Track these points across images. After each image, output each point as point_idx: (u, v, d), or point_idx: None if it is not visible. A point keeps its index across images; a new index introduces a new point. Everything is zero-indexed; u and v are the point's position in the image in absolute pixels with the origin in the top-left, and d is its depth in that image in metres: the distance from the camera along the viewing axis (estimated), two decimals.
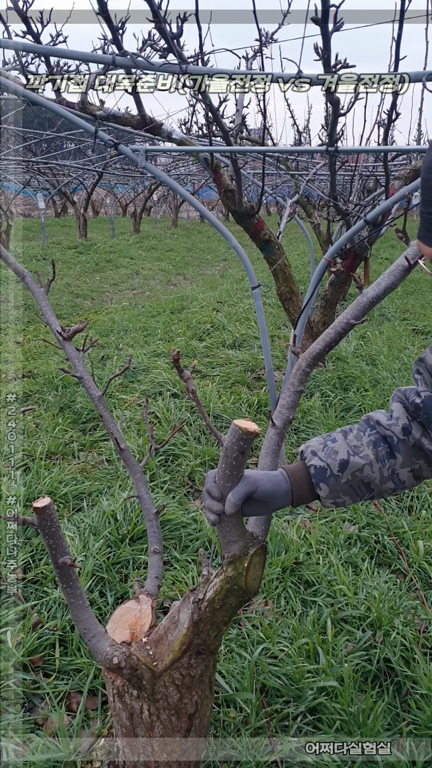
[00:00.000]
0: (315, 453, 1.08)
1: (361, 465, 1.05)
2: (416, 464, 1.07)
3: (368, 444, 1.06)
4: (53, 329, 1.60)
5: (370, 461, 1.05)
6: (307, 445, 1.11)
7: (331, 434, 1.11)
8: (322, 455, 1.07)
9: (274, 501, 1.05)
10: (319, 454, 1.07)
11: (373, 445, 1.06)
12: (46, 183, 15.57)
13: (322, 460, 1.06)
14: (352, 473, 1.05)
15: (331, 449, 1.07)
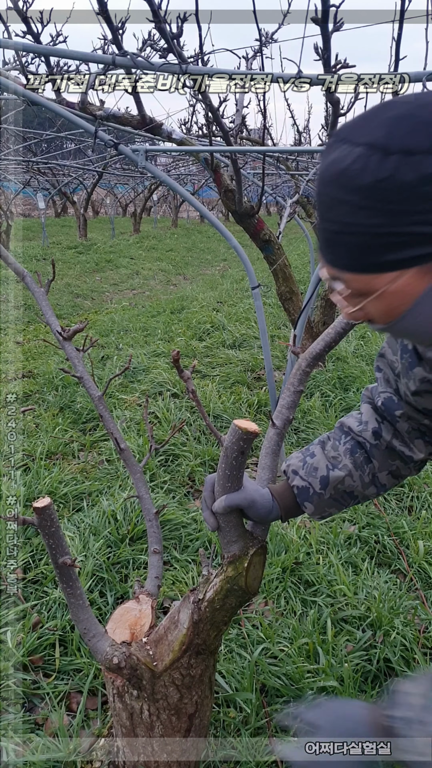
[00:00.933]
0: (296, 472, 1.07)
1: (342, 477, 1.04)
2: (393, 465, 1.06)
3: (345, 453, 1.06)
4: (53, 329, 1.60)
5: (350, 471, 1.04)
6: (288, 464, 1.10)
7: (310, 447, 1.10)
8: (303, 474, 1.06)
9: (262, 521, 1.11)
10: (300, 473, 1.07)
11: (350, 453, 1.05)
12: (46, 183, 15.57)
13: (303, 479, 1.06)
14: (335, 487, 1.05)
15: (311, 466, 1.06)
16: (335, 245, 0.67)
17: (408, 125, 0.60)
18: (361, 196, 0.62)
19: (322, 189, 0.66)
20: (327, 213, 0.66)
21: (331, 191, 0.64)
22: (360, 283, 0.68)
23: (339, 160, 0.63)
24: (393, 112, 0.62)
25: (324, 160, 0.66)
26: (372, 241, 0.63)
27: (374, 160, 0.60)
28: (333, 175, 0.64)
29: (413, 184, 0.59)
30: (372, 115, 0.64)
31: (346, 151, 0.63)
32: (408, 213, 0.61)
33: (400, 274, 0.65)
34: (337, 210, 0.64)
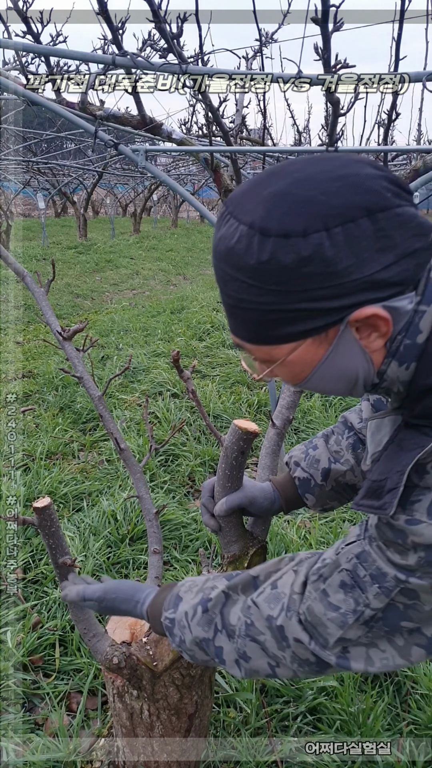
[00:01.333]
0: (298, 464, 1.08)
1: (343, 471, 1.05)
2: None
3: (347, 447, 1.06)
4: (53, 329, 1.60)
5: (351, 466, 1.05)
6: (291, 456, 1.11)
7: (313, 440, 1.11)
8: (305, 465, 1.07)
9: (267, 514, 1.12)
10: (302, 465, 1.08)
11: (352, 448, 1.06)
12: (46, 183, 15.58)
13: (305, 470, 1.07)
14: (336, 480, 1.06)
15: (312, 458, 1.07)
16: (234, 317, 0.69)
17: (284, 205, 0.60)
18: (248, 275, 0.63)
19: (216, 263, 0.67)
20: (223, 287, 0.67)
21: (223, 267, 0.65)
22: (261, 353, 0.70)
23: (227, 237, 0.64)
24: (271, 189, 0.62)
25: (216, 232, 0.67)
26: (264, 317, 0.65)
27: (256, 242, 0.61)
28: (223, 251, 0.65)
29: (292, 267, 0.60)
30: (253, 189, 0.64)
31: (233, 228, 0.63)
32: (292, 293, 0.62)
33: (297, 345, 0.66)
34: (230, 285, 0.65)
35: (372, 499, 0.68)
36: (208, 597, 0.89)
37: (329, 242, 0.59)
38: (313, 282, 0.61)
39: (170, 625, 0.92)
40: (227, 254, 0.64)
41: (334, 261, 0.60)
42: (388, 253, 0.61)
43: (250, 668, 0.86)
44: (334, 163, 0.63)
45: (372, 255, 0.60)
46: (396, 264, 0.62)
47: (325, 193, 0.60)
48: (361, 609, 0.72)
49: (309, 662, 0.80)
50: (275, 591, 0.83)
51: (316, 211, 0.59)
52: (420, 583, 0.67)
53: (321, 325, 0.64)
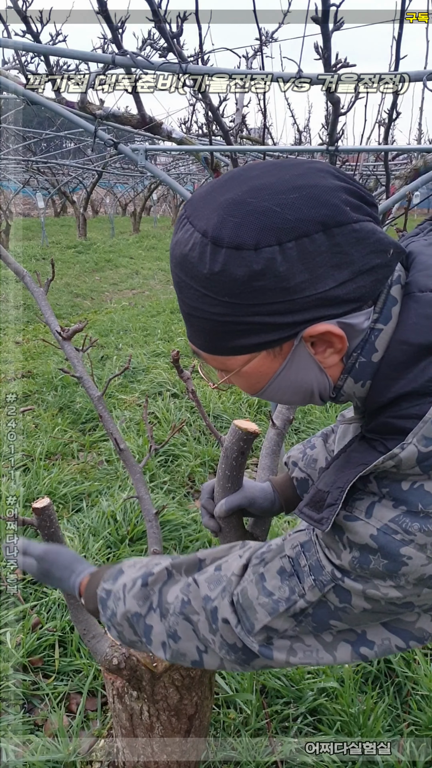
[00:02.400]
0: (296, 464, 1.08)
1: None
2: None
3: None
4: (53, 329, 1.60)
5: None
6: (289, 456, 1.10)
7: (311, 440, 1.10)
8: (302, 465, 1.07)
9: (267, 515, 1.11)
10: (299, 465, 1.07)
11: None
12: (46, 182, 15.57)
13: (303, 471, 1.06)
14: None
15: (310, 458, 1.06)
16: (190, 325, 0.68)
17: (238, 215, 0.59)
18: (201, 285, 0.61)
19: (172, 267, 0.66)
20: (179, 292, 0.66)
21: (179, 273, 0.64)
22: (216, 363, 0.70)
23: (182, 243, 0.63)
24: (229, 195, 0.61)
25: (174, 235, 0.65)
26: (217, 328, 0.64)
27: (208, 252, 0.59)
28: (178, 257, 0.63)
29: (244, 280, 0.59)
30: (211, 193, 0.63)
31: (189, 233, 0.62)
32: (244, 306, 0.61)
33: (252, 357, 0.65)
34: (185, 292, 0.64)
35: (312, 510, 0.68)
36: (150, 572, 0.87)
37: (281, 257, 0.58)
38: (265, 296, 0.59)
39: (105, 596, 0.90)
40: (182, 261, 0.63)
41: (286, 276, 0.58)
42: (343, 269, 0.60)
43: (178, 650, 0.84)
44: (294, 171, 0.61)
45: (327, 271, 0.59)
46: (352, 281, 0.61)
47: (280, 205, 0.58)
48: (295, 598, 0.71)
49: (236, 648, 0.78)
50: (218, 573, 0.82)
51: (269, 224, 0.58)
52: (354, 586, 0.66)
53: (274, 339, 0.63)
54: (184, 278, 0.63)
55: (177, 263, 0.64)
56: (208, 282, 0.61)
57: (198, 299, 0.63)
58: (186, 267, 0.62)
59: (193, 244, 0.61)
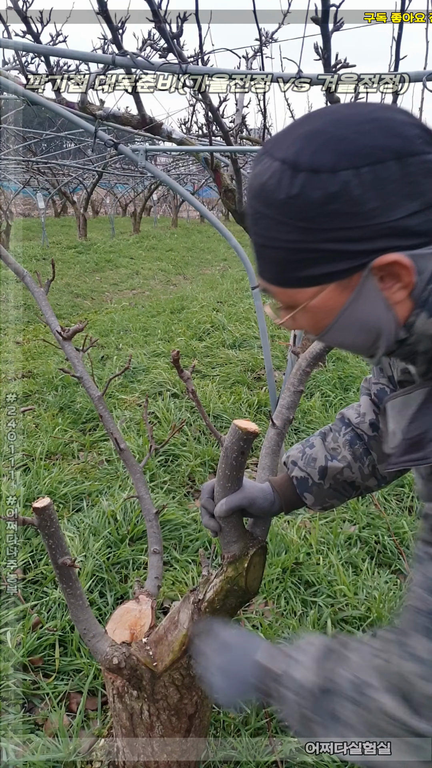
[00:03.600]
0: (295, 463, 1.08)
1: (340, 468, 1.04)
2: None
3: (344, 444, 1.05)
4: (53, 329, 1.60)
5: (348, 462, 1.04)
6: (288, 456, 1.10)
7: (310, 439, 1.10)
8: (302, 464, 1.07)
9: (267, 515, 1.11)
10: (299, 464, 1.07)
11: (350, 445, 1.05)
12: (46, 183, 15.58)
13: (302, 470, 1.06)
14: (333, 477, 1.05)
15: (309, 457, 1.06)
16: (261, 258, 0.69)
17: (317, 142, 0.61)
18: (277, 211, 0.63)
19: (249, 201, 0.68)
20: (253, 225, 0.68)
21: (255, 204, 0.66)
22: (285, 296, 0.70)
23: (261, 174, 0.65)
24: (307, 127, 0.63)
25: (252, 171, 0.67)
26: (290, 257, 0.65)
27: (286, 177, 0.62)
28: (255, 188, 0.66)
29: (320, 203, 0.61)
30: (291, 129, 0.65)
31: (267, 164, 0.64)
32: (318, 231, 0.62)
33: (320, 289, 0.66)
34: (260, 223, 0.66)
35: (411, 452, 0.67)
36: None
37: (357, 180, 0.59)
38: (338, 221, 0.61)
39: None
40: (260, 191, 0.64)
41: (360, 201, 0.60)
42: (414, 199, 0.61)
43: None
44: (371, 107, 0.64)
45: (398, 200, 0.60)
46: (423, 212, 0.62)
47: (357, 133, 0.61)
48: None
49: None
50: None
51: (346, 149, 0.60)
52: None
53: (344, 269, 0.64)
54: (260, 208, 0.65)
55: (254, 195, 0.66)
56: (284, 207, 0.62)
57: (273, 228, 0.64)
58: (263, 196, 0.64)
59: (272, 173, 0.63)
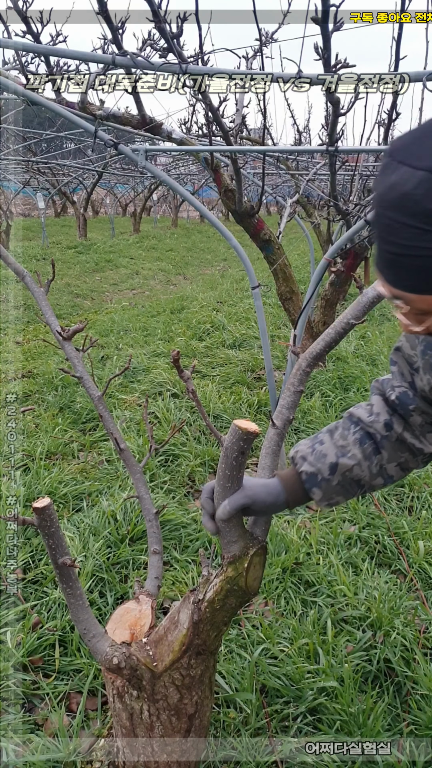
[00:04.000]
0: (305, 458, 1.08)
1: (350, 466, 1.05)
2: (402, 457, 1.08)
3: (354, 443, 1.07)
4: (53, 329, 1.60)
5: (359, 461, 1.05)
6: (297, 450, 1.11)
7: (318, 435, 1.11)
8: (312, 460, 1.07)
9: (271, 510, 1.11)
10: (308, 459, 1.08)
11: (359, 443, 1.06)
12: (46, 183, 15.57)
13: (312, 465, 1.07)
14: (342, 474, 1.06)
15: (319, 453, 1.07)
16: (397, 267, 0.69)
17: None
18: (424, 221, 0.64)
19: (383, 212, 0.68)
20: (388, 236, 0.68)
21: (393, 215, 0.66)
22: (424, 303, 0.71)
23: (401, 183, 0.65)
24: None
25: (382, 182, 0.68)
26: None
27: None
28: (395, 199, 0.66)
29: None
30: (423, 136, 0.66)
31: (408, 174, 0.64)
32: None
33: None
34: (399, 233, 0.66)
35: None
36: None
37: None
38: None
39: None
40: (401, 201, 0.65)
41: None
42: None
43: None
44: None
45: None
46: None
47: None
48: None
49: None
50: None
51: None
52: None
53: None
54: (400, 219, 0.65)
55: (392, 205, 0.66)
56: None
57: (417, 237, 0.65)
58: (406, 206, 0.64)
59: (418, 182, 0.63)
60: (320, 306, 4.43)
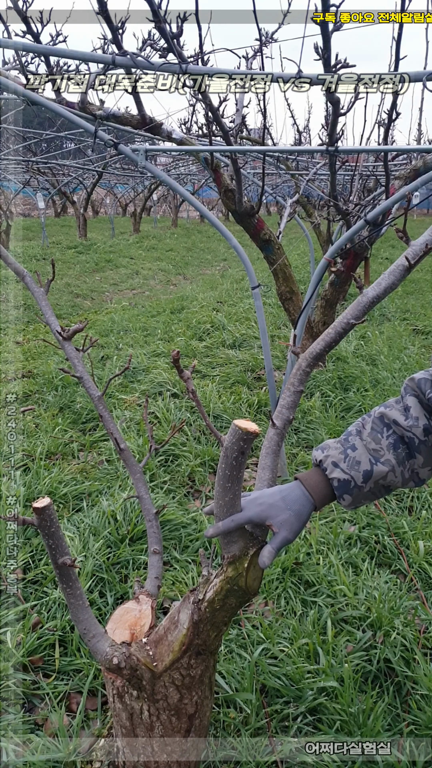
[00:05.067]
0: (336, 465, 1.03)
1: (385, 473, 1.02)
2: None
3: (388, 447, 1.02)
4: (53, 329, 1.60)
5: (392, 466, 1.02)
6: (327, 455, 1.05)
7: (348, 439, 1.06)
8: (345, 467, 1.03)
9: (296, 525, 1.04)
10: (341, 466, 1.03)
11: (393, 448, 1.02)
12: (46, 183, 15.57)
13: (345, 472, 1.02)
14: (375, 482, 1.03)
15: (353, 460, 1.03)
16: None
17: None
18: None
19: None
20: None
21: None
22: None
23: None
24: None
25: None
26: None
27: None
28: None
29: None
30: None
31: None
32: None
33: None
34: None
35: None
36: None
37: None
38: None
39: None
40: None
41: None
42: None
43: None
44: None
45: None
46: None
47: None
48: None
49: None
50: None
51: None
52: None
53: None
54: None
55: None
56: None
57: None
58: None
59: None
60: (320, 306, 4.43)
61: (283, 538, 1.01)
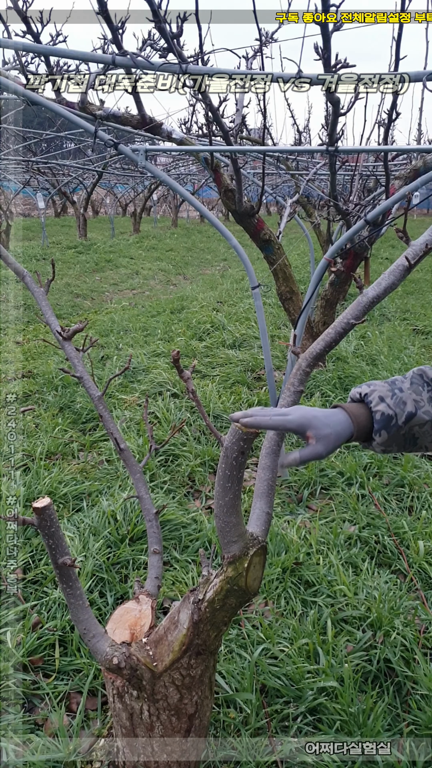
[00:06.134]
0: (383, 399, 1.03)
1: (425, 421, 1.03)
2: None
3: (429, 401, 1.04)
4: (53, 329, 1.60)
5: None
6: (373, 389, 1.06)
7: (396, 382, 1.07)
8: (391, 403, 1.03)
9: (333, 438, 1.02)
10: (387, 401, 1.03)
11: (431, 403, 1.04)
12: (46, 183, 15.57)
13: (391, 408, 1.02)
14: (412, 427, 1.03)
15: (399, 399, 1.04)
16: None
17: None
18: None
19: None
20: None
21: None
22: None
23: None
24: None
25: None
26: None
27: None
28: None
29: None
30: None
31: None
32: None
33: None
34: None
35: None
36: None
37: None
38: None
39: None
40: None
41: None
42: None
43: None
44: None
45: None
46: None
47: None
48: None
49: None
50: None
51: None
52: None
53: None
54: None
55: None
56: None
57: None
58: None
59: None
60: (320, 306, 4.43)
61: (316, 451, 1.00)
